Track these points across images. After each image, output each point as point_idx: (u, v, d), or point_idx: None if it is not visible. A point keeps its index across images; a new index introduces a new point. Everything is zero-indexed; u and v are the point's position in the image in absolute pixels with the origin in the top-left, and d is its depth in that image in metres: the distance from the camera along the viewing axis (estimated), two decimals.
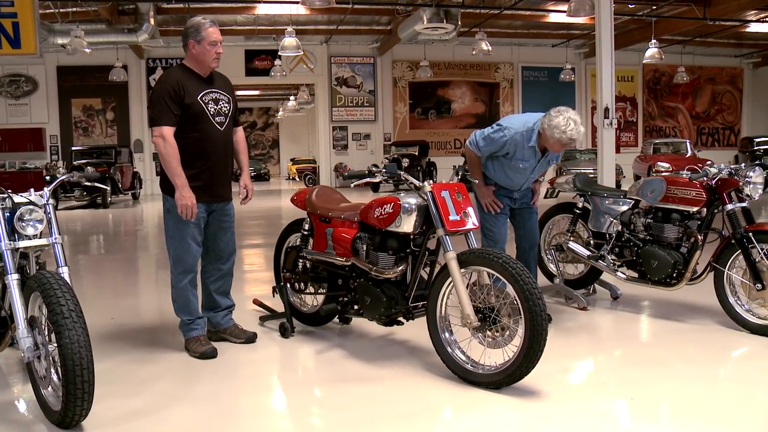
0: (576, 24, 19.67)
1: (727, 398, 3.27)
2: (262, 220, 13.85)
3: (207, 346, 3.96)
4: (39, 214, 3.14)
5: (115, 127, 20.81)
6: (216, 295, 4.22)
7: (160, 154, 3.83)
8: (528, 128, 4.31)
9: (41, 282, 2.88)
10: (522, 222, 4.66)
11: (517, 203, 4.62)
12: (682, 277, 4.51)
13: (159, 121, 3.79)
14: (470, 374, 3.41)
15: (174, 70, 3.99)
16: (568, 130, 4.09)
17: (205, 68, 3.95)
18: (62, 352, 2.72)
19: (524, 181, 4.52)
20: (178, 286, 4.01)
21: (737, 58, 25.52)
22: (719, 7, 17.01)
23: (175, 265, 4.01)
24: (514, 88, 24.47)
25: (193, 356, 3.94)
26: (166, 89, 3.80)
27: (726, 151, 24.91)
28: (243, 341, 4.18)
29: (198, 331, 4.04)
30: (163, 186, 4.02)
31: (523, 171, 4.43)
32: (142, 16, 15.60)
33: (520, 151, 4.33)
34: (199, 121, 3.89)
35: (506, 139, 4.31)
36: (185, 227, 3.91)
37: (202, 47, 3.86)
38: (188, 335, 4.04)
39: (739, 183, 4.29)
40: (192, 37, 3.87)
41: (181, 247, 3.96)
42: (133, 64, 20.38)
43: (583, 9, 11.53)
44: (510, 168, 4.43)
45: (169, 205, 3.92)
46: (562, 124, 4.09)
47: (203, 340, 4.01)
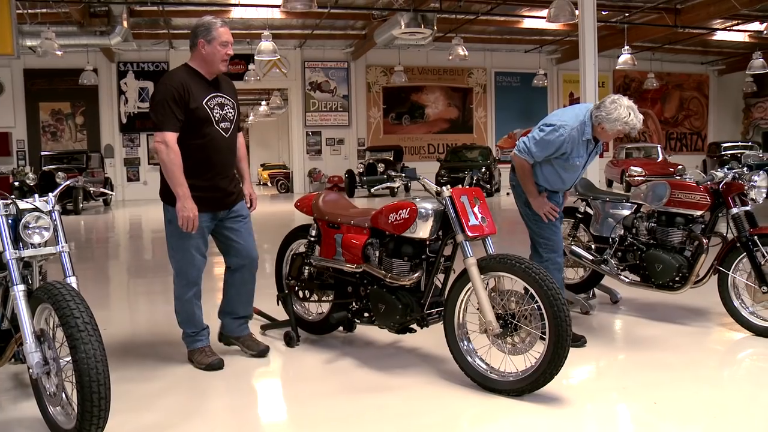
0: (548, 30, 19.86)
1: (749, 401, 3.26)
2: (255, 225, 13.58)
3: (213, 357, 3.83)
4: (45, 222, 2.99)
5: (84, 131, 20.34)
6: (237, 303, 4.05)
7: (161, 161, 3.62)
8: (581, 122, 4.07)
9: (52, 293, 2.73)
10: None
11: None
12: (686, 281, 4.51)
13: (161, 126, 3.58)
14: (491, 382, 3.35)
15: (178, 71, 3.78)
16: (630, 121, 3.96)
17: (213, 70, 3.75)
18: (78, 368, 2.58)
19: (576, 179, 4.37)
20: (183, 299, 3.86)
21: (703, 65, 26.07)
22: (689, 16, 17.35)
23: (179, 277, 3.85)
24: (487, 94, 24.61)
25: (199, 368, 3.81)
26: (170, 92, 3.60)
27: (694, 155, 25.38)
28: (254, 354, 4.01)
29: (203, 342, 3.90)
30: (163, 195, 3.80)
31: (577, 168, 4.22)
32: (114, 19, 15.28)
33: (576, 148, 4.09)
34: (203, 127, 3.69)
35: (564, 137, 4.03)
36: (188, 238, 3.73)
37: (212, 47, 3.67)
38: (192, 346, 3.90)
39: (744, 187, 4.31)
40: (202, 36, 3.67)
41: (184, 259, 3.79)
42: (104, 67, 19.98)
43: (563, 14, 11.61)
44: (564, 168, 4.18)
45: (171, 216, 3.73)
46: (623, 114, 3.94)
47: (208, 351, 3.88)
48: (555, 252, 4.24)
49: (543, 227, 4.25)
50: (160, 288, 6.86)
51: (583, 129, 4.06)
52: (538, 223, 4.26)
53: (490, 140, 24.42)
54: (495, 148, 23.63)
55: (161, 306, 5.88)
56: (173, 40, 19.83)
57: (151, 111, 3.71)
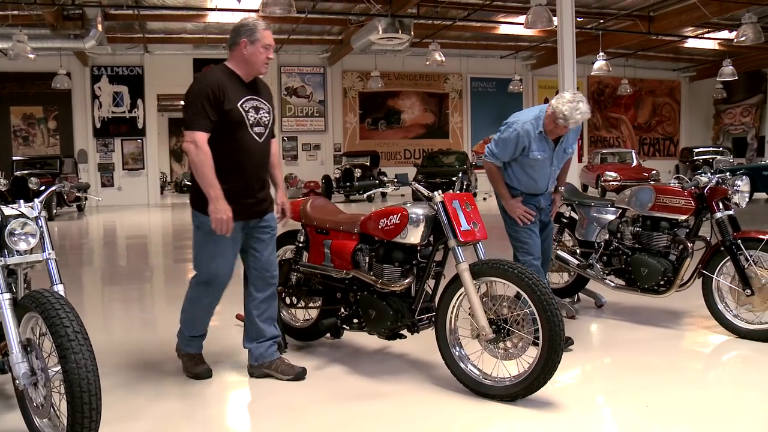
0: (524, 36, 20.05)
1: (738, 403, 3.29)
2: None
3: (202, 367, 3.75)
4: (32, 228, 2.91)
5: (57, 136, 20.03)
6: (260, 323, 3.75)
7: (191, 162, 3.42)
8: (535, 116, 4.21)
9: (40, 302, 2.66)
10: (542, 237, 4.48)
11: (541, 214, 4.42)
12: (671, 285, 4.56)
13: (192, 125, 3.40)
14: (484, 387, 3.34)
15: (215, 70, 3.57)
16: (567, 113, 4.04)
17: (252, 72, 3.58)
18: (68, 378, 2.51)
19: (548, 178, 4.36)
20: (196, 304, 3.69)
21: (675, 71, 26.52)
22: (661, 23, 17.65)
23: (200, 285, 3.67)
24: (463, 99, 24.74)
25: (187, 375, 3.74)
26: (205, 91, 3.41)
27: (667, 160, 25.77)
28: (291, 378, 3.66)
29: (195, 347, 3.81)
30: (193, 200, 3.59)
31: (543, 164, 4.27)
32: (89, 22, 15.06)
33: (533, 142, 4.20)
34: (237, 130, 3.50)
35: (517, 131, 4.17)
36: (217, 245, 3.51)
37: (255, 48, 3.49)
38: (185, 348, 3.81)
39: (728, 192, 4.37)
40: (246, 36, 3.49)
41: (209, 268, 3.58)
42: (77, 71, 19.70)
43: (540, 21, 11.71)
44: (530, 166, 4.27)
45: (198, 222, 3.56)
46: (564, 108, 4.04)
47: (198, 359, 3.79)
48: (531, 255, 4.29)
49: (519, 231, 4.31)
50: (135, 295, 6.77)
51: (537, 123, 4.21)
52: (515, 227, 4.32)
53: (466, 145, 24.54)
54: (471, 154, 23.74)
55: (137, 313, 5.80)
56: (148, 44, 19.63)
57: (184, 109, 3.52)
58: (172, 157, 40.03)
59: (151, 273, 8.21)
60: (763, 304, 4.25)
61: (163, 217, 17.37)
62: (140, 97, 20.50)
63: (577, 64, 21.91)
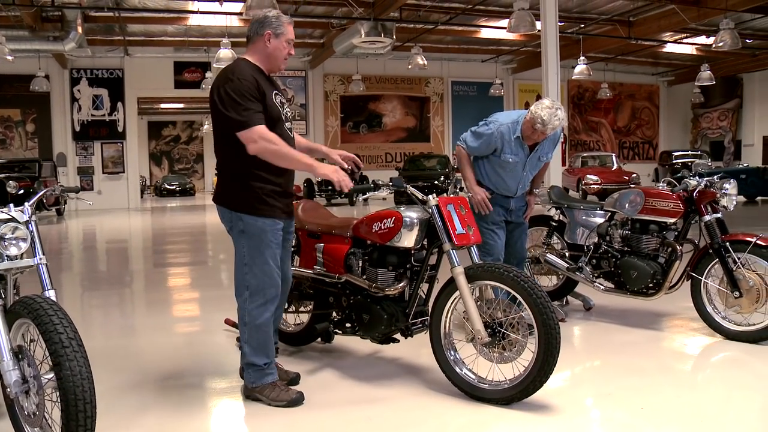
0: (505, 40, 20.18)
1: (732, 404, 3.32)
2: (210, 235, 13.43)
3: (293, 391, 3.40)
4: (23, 232, 2.85)
5: (36, 139, 19.78)
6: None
7: (267, 153, 3.20)
8: (513, 120, 4.35)
9: (32, 308, 2.61)
10: (513, 239, 4.62)
11: (512, 215, 4.56)
12: (660, 287, 4.60)
13: (249, 122, 3.17)
14: (479, 391, 3.34)
15: (243, 65, 3.33)
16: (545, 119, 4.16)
17: (273, 67, 3.40)
18: (63, 386, 2.46)
19: (518, 182, 4.47)
20: (257, 323, 3.35)
21: (654, 76, 26.83)
22: (641, 28, 17.87)
23: (254, 297, 3.35)
24: (444, 103, 24.84)
25: (277, 405, 3.34)
26: (247, 87, 3.20)
27: (646, 164, 26.06)
28: (286, 383, 3.54)
29: (274, 374, 3.45)
30: (235, 203, 3.33)
31: (515, 167, 4.39)
32: (68, 24, 14.88)
33: (507, 145, 4.34)
34: (276, 125, 3.32)
35: (491, 131, 4.33)
36: (266, 249, 3.31)
37: (279, 42, 3.34)
38: (261, 381, 3.40)
39: (716, 195, 4.42)
40: (271, 28, 3.31)
41: (263, 273, 3.32)
42: (56, 74, 19.48)
43: (523, 25, 11.78)
44: (501, 167, 4.40)
45: (244, 226, 3.30)
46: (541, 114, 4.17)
47: (282, 385, 3.43)
48: (491, 256, 4.42)
49: (484, 232, 4.37)
50: (116, 300, 6.67)
51: (515, 128, 4.35)
52: (482, 228, 4.31)
53: (447, 149, 24.63)
54: (452, 157, 23.82)
55: (118, 319, 5.72)
56: (129, 47, 19.46)
57: (228, 110, 3.21)
58: (152, 161, 39.70)
59: (131, 278, 8.11)
60: (751, 305, 4.29)
61: (144, 222, 17.21)
62: (120, 100, 20.33)
63: None
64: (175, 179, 34.93)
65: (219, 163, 3.43)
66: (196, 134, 40.04)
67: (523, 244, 4.69)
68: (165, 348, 4.61)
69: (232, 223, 3.37)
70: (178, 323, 5.57)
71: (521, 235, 4.66)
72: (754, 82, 24.84)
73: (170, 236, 13.56)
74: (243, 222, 3.32)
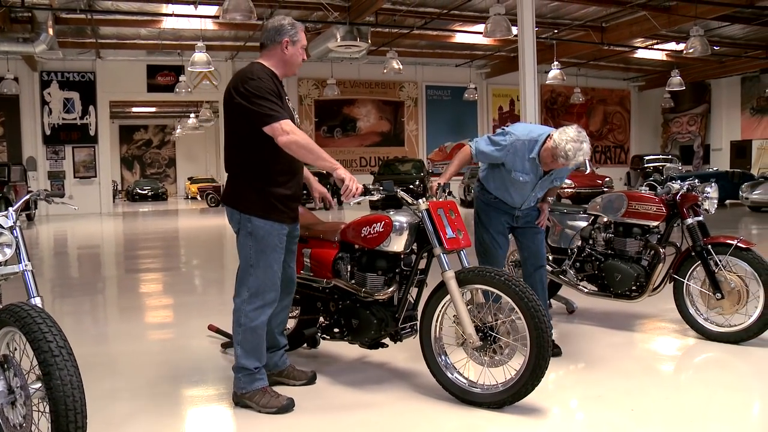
0: (479, 45, 20.31)
1: (720, 404, 3.36)
2: (183, 240, 13.27)
3: (283, 397, 3.36)
4: (8, 238, 2.78)
5: (4, 143, 19.39)
6: (276, 333, 3.68)
7: (296, 145, 3.18)
8: (531, 138, 3.99)
9: (19, 316, 2.53)
10: (526, 243, 4.35)
11: (519, 222, 4.31)
12: (644, 290, 4.64)
13: (277, 116, 3.18)
14: (471, 395, 3.33)
15: (260, 68, 3.34)
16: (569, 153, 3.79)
17: (287, 73, 3.43)
18: (53, 396, 2.39)
19: (524, 200, 4.21)
20: (252, 325, 3.34)
21: (625, 81, 27.23)
22: (613, 34, 18.14)
23: (253, 299, 3.34)
24: (418, 107, 24.92)
25: (267, 412, 3.30)
26: (270, 87, 3.23)
27: (618, 167, 26.41)
28: (304, 383, 3.65)
29: (264, 380, 3.41)
30: (246, 205, 3.33)
31: (523, 186, 4.11)
32: (39, 25, 14.59)
33: (519, 162, 4.00)
34: None
35: (506, 143, 4.00)
36: (272, 253, 3.32)
37: (296, 49, 3.38)
38: (250, 387, 3.37)
39: (698, 198, 4.48)
40: (288, 36, 3.34)
41: (266, 276, 3.33)
42: (25, 76, 19.15)
43: (499, 30, 11.86)
44: (510, 182, 4.12)
45: (253, 228, 3.31)
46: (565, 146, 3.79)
47: (272, 391, 3.39)
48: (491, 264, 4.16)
49: (488, 241, 4.28)
50: (88, 307, 6.53)
51: (532, 147, 3.98)
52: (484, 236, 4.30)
53: (422, 153, 24.71)
54: (426, 161, 23.90)
55: (90, 326, 5.62)
56: (101, 49, 19.19)
57: (252, 105, 3.21)
58: (123, 166, 39.20)
59: (103, 284, 7.98)
60: (732, 307, 4.36)
61: (116, 227, 16.97)
62: (92, 104, 20.04)
63: None
64: (147, 184, 34.55)
65: (232, 164, 3.42)
66: (168, 138, 39.65)
67: (538, 247, 4.35)
68: (141, 355, 4.55)
69: (240, 224, 3.36)
70: (152, 330, 5.49)
71: (534, 237, 4.34)
72: (721, 88, 25.35)
73: (144, 241, 13.39)
74: (252, 224, 3.32)
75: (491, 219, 4.31)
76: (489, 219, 4.32)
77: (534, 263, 4.30)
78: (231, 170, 3.43)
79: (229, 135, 3.42)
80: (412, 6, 16.22)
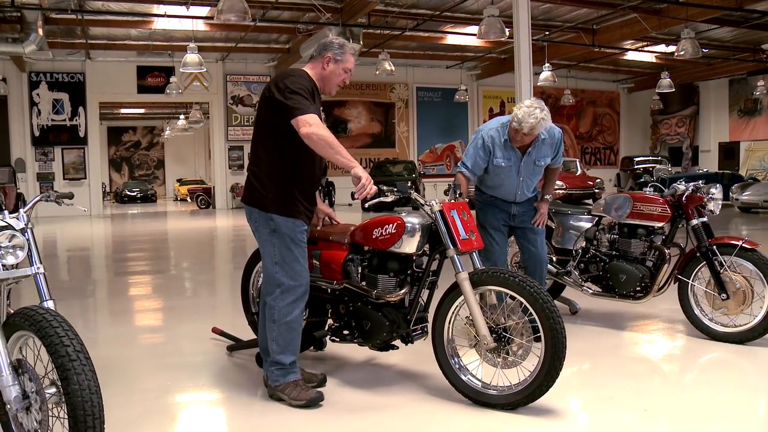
0: (470, 46, 20.36)
1: (730, 404, 3.37)
2: (173, 242, 13.17)
3: (313, 391, 3.40)
4: (20, 240, 2.73)
5: None
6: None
7: (318, 138, 3.19)
8: (501, 124, 4.34)
9: (34, 320, 2.49)
10: (525, 242, 4.53)
11: (516, 221, 4.49)
12: (648, 290, 4.66)
13: (305, 109, 3.22)
14: (485, 396, 3.32)
15: (303, 72, 3.45)
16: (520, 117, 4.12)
17: (326, 89, 3.51)
18: (71, 401, 2.35)
19: (516, 187, 4.42)
20: (286, 320, 3.39)
21: (615, 83, 27.38)
22: (604, 36, 18.22)
23: (284, 294, 3.39)
24: (409, 108, 24.92)
25: (296, 405, 3.34)
26: (308, 86, 3.32)
27: (608, 169, 26.54)
28: (314, 386, 3.61)
29: (297, 373, 3.46)
30: (267, 203, 3.38)
31: (508, 172, 4.36)
32: (28, 25, 14.43)
33: (499, 150, 4.32)
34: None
35: (482, 136, 4.32)
36: (296, 248, 3.39)
37: (337, 68, 3.45)
38: (283, 380, 3.41)
39: (703, 199, 4.50)
40: (333, 52, 3.44)
41: (294, 271, 3.38)
42: (14, 77, 18.95)
43: (493, 31, 11.88)
44: (495, 173, 4.38)
45: (275, 226, 3.36)
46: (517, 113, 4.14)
47: (302, 384, 3.43)
48: (489, 261, 4.36)
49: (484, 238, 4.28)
50: (78, 311, 6.43)
51: (503, 131, 4.32)
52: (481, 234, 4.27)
53: (413, 154, 24.70)
54: (418, 162, 23.90)
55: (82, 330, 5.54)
56: (90, 50, 19.04)
57: (285, 96, 3.28)
58: (112, 167, 38.91)
59: (94, 288, 7.90)
60: (738, 307, 4.38)
61: (106, 229, 16.84)
62: (82, 105, 19.87)
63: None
64: (136, 185, 34.34)
65: (257, 162, 3.47)
66: (156, 140, 39.40)
67: (538, 247, 4.52)
68: (135, 359, 4.50)
69: (259, 222, 3.42)
70: (144, 333, 5.43)
71: (534, 237, 4.52)
72: (709, 90, 25.55)
73: (134, 243, 13.28)
74: (274, 222, 3.39)
75: (487, 216, 4.56)
76: (485, 216, 4.57)
77: (534, 262, 4.48)
78: (256, 168, 3.48)
79: (260, 132, 3.48)
80: (404, 8, 16.22)
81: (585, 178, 19.54)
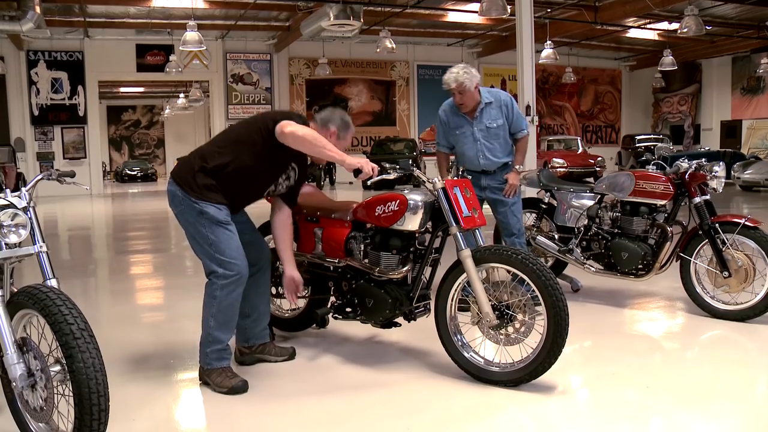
0: (471, 24, 20.18)
1: (731, 381, 3.39)
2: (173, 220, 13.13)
3: (237, 379, 3.37)
4: (22, 219, 2.72)
5: None
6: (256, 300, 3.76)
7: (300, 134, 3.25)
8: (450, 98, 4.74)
9: (38, 298, 2.49)
10: (496, 214, 4.87)
11: (486, 193, 4.77)
12: (650, 268, 4.66)
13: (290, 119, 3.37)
14: (487, 373, 3.34)
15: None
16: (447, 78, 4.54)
17: (314, 158, 3.53)
18: (76, 379, 2.36)
19: (476, 153, 4.71)
20: (228, 303, 3.39)
21: (616, 60, 27.17)
22: (607, 13, 18.03)
23: (221, 280, 3.37)
24: (409, 86, 24.77)
25: (220, 391, 3.34)
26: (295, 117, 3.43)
27: (609, 147, 26.44)
28: (285, 359, 3.76)
29: (227, 360, 3.46)
30: (190, 187, 3.38)
31: (465, 138, 4.72)
32: (26, 3, 14.27)
33: (452, 119, 4.77)
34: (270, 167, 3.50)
35: (440, 115, 4.85)
36: (227, 227, 3.37)
37: (337, 144, 3.47)
38: (215, 365, 3.41)
39: (706, 177, 4.48)
40: (337, 127, 3.55)
41: (233, 252, 3.37)
42: (11, 55, 18.81)
43: (495, 8, 11.77)
44: (456, 142, 4.80)
45: (201, 209, 3.35)
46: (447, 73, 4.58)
47: (230, 372, 3.42)
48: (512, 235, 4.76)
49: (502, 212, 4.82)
50: (79, 290, 6.44)
51: (451, 102, 4.76)
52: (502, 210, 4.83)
53: (413, 132, 24.61)
54: (418, 140, 23.82)
55: (84, 309, 5.58)
56: (89, 28, 18.89)
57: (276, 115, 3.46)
58: (112, 147, 38.81)
59: (95, 266, 7.91)
60: (739, 285, 4.39)
61: (107, 208, 16.83)
62: (81, 84, 19.75)
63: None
64: (137, 164, 34.27)
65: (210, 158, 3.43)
66: (156, 119, 39.22)
67: (509, 220, 4.75)
68: (136, 337, 4.53)
69: (187, 209, 3.40)
70: (145, 312, 5.45)
71: (504, 212, 4.77)
72: (712, 68, 25.34)
73: (134, 222, 13.29)
74: (200, 207, 3.36)
75: None
76: None
77: (506, 232, 4.79)
78: (198, 158, 3.46)
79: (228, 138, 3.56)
80: None
81: (586, 157, 19.52)
